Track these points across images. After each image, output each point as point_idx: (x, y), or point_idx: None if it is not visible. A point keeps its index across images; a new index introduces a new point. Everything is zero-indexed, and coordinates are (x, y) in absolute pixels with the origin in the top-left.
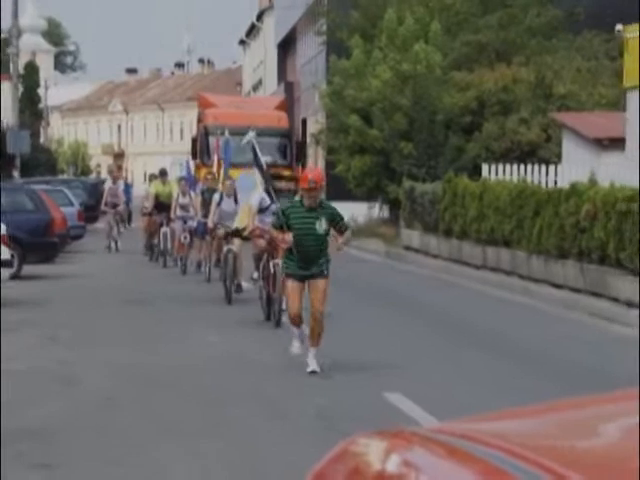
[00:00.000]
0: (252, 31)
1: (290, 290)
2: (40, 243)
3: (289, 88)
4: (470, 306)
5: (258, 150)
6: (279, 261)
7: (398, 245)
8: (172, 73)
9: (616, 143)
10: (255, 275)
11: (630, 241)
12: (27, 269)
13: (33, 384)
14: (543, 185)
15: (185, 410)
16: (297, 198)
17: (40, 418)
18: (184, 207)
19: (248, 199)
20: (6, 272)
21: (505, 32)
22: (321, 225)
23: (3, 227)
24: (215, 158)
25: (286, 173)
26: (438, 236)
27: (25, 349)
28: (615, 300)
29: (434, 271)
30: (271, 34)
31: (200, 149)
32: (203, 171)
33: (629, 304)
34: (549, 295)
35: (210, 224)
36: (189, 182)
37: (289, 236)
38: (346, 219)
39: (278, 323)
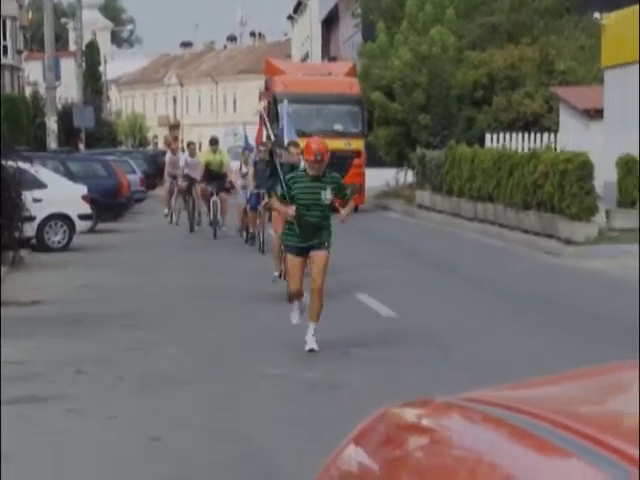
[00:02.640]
0: (299, 7)
1: (290, 266)
2: (111, 203)
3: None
4: (459, 250)
5: (266, 119)
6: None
7: (414, 204)
8: (225, 46)
9: (601, 113)
10: (276, 274)
11: (568, 193)
12: (100, 225)
13: (115, 291)
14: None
15: (215, 303)
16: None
17: (122, 306)
18: (246, 177)
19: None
20: (87, 224)
21: (515, 14)
22: (326, 195)
23: (85, 188)
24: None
25: (355, 143)
26: (442, 195)
27: (103, 275)
28: (559, 239)
29: (438, 224)
30: (316, 11)
31: (269, 118)
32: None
33: (567, 242)
34: (519, 239)
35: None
36: (248, 150)
37: (292, 209)
38: (380, 183)
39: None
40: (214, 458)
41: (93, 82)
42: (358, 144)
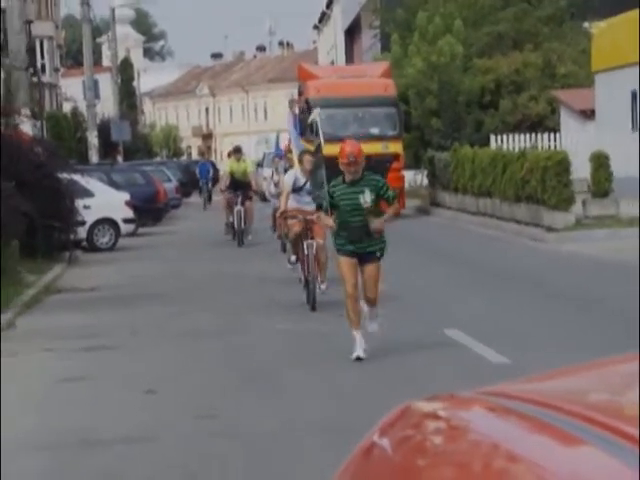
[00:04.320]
0: (323, 17)
1: (343, 267)
2: (150, 209)
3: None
4: (460, 241)
5: (320, 128)
6: (313, 242)
7: (429, 202)
8: (254, 56)
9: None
10: (293, 259)
11: (549, 186)
12: (141, 229)
13: (156, 279)
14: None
15: (237, 286)
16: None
17: (164, 289)
18: (279, 185)
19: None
20: (131, 227)
21: (519, 23)
22: (364, 198)
23: (127, 195)
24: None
25: (393, 146)
26: (450, 192)
27: (147, 268)
28: (541, 227)
29: (445, 219)
30: (339, 21)
31: (303, 124)
32: (306, 147)
33: (548, 229)
34: (511, 229)
35: (282, 207)
36: (278, 157)
37: (330, 221)
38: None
39: (314, 307)
40: (233, 376)
41: (128, 97)
42: (396, 147)
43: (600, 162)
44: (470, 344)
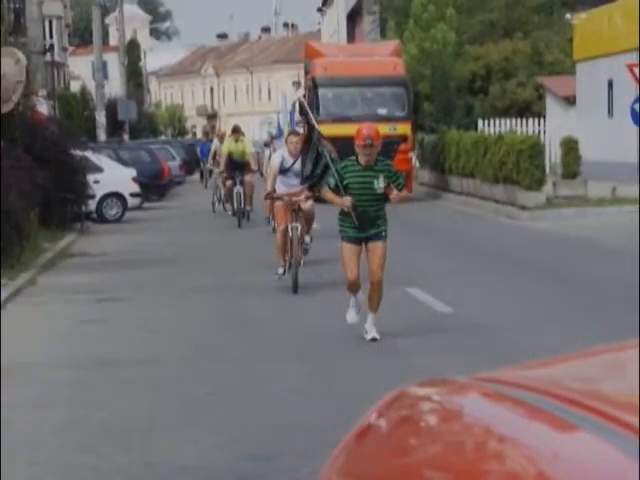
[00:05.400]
0: (327, 1)
1: (346, 254)
2: (155, 185)
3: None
4: (446, 218)
5: (307, 107)
6: (297, 225)
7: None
8: (259, 37)
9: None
10: (280, 271)
11: (523, 168)
12: (146, 203)
13: (159, 246)
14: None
15: (224, 250)
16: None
17: (167, 255)
18: None
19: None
20: (137, 201)
21: (510, 12)
22: (379, 183)
23: (134, 172)
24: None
25: (401, 128)
26: (438, 173)
27: (151, 237)
28: (516, 206)
29: (433, 198)
30: (342, 5)
31: (309, 103)
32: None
33: (523, 207)
34: (491, 207)
35: (269, 188)
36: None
37: (348, 200)
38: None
39: (295, 290)
40: (221, 321)
41: (135, 76)
42: (404, 128)
43: (570, 146)
44: (423, 298)
